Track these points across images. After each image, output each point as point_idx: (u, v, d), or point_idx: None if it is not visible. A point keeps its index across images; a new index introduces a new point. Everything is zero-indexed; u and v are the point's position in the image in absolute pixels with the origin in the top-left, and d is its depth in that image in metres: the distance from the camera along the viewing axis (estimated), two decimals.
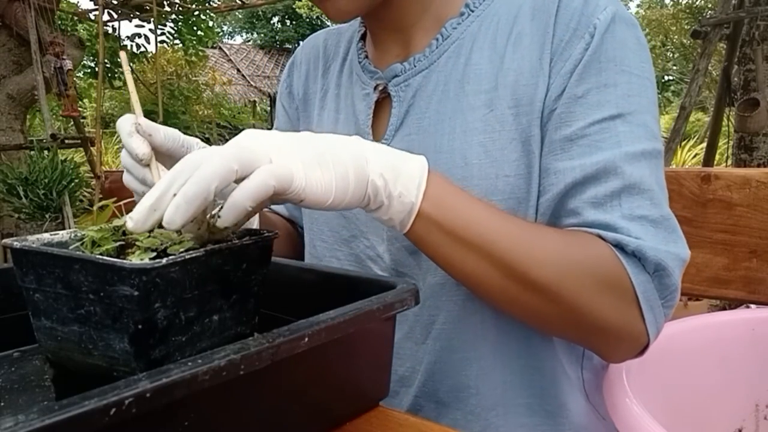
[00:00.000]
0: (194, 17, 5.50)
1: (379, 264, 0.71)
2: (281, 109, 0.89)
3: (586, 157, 0.60)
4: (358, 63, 0.77)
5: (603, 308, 0.57)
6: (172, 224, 0.41)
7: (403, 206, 0.53)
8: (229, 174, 0.43)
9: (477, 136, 0.64)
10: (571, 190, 0.60)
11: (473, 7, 0.69)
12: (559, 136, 0.61)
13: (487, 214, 0.57)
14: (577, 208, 0.60)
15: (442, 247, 0.56)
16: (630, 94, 0.61)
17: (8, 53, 3.24)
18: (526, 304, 0.58)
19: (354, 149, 0.51)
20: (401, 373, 0.70)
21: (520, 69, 0.64)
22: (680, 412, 0.77)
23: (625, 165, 0.59)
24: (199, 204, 0.41)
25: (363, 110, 0.73)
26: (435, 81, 0.68)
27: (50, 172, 2.63)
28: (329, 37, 0.85)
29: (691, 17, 10.60)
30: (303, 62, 0.86)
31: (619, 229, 0.58)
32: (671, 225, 0.60)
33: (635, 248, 0.57)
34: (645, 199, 0.59)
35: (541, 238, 0.58)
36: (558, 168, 0.61)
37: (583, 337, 0.62)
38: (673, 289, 0.59)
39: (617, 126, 0.60)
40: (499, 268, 0.56)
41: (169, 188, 0.42)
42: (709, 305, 2.37)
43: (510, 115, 0.63)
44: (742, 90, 3.04)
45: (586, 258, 0.57)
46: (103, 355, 0.43)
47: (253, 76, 15.75)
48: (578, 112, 0.61)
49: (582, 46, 0.61)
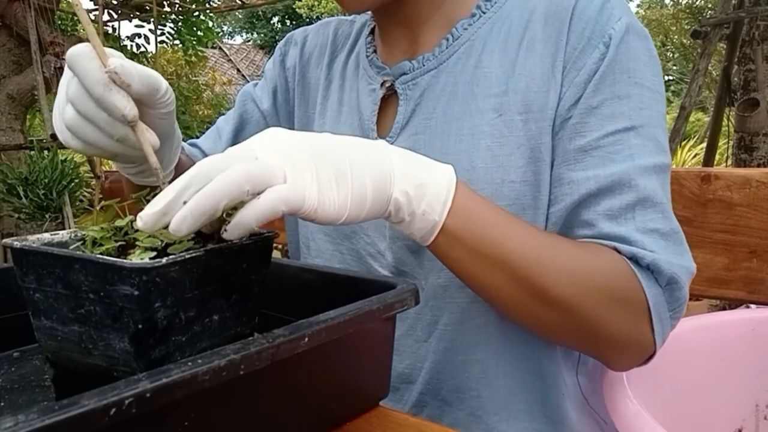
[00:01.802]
0: (194, 17, 5.50)
1: (380, 261, 0.70)
2: (270, 70, 0.88)
3: (600, 169, 0.60)
4: (365, 57, 0.76)
5: (616, 321, 0.58)
6: (177, 232, 0.41)
7: (426, 223, 0.53)
8: (239, 194, 0.43)
9: (484, 140, 0.64)
10: (585, 201, 0.60)
11: (485, 9, 0.69)
12: (574, 147, 0.61)
13: (509, 228, 0.57)
14: (592, 219, 0.60)
15: (464, 262, 0.56)
16: (642, 106, 0.61)
17: (8, 53, 3.24)
18: (542, 318, 0.58)
19: (379, 161, 0.50)
20: (400, 369, 0.70)
21: (532, 75, 0.63)
22: (680, 412, 0.77)
23: (638, 178, 0.59)
24: (206, 219, 0.42)
25: (368, 105, 0.73)
26: (444, 81, 0.68)
27: (50, 172, 2.63)
28: (341, 26, 0.84)
29: (691, 17, 10.60)
30: (309, 44, 0.85)
31: (633, 242, 0.58)
32: (680, 238, 0.61)
33: (650, 262, 0.57)
34: (657, 212, 0.59)
35: (562, 253, 0.58)
36: (572, 178, 0.61)
37: (593, 348, 0.62)
38: (683, 301, 0.60)
39: (630, 138, 0.60)
40: (519, 283, 0.56)
41: (182, 194, 0.42)
42: (709, 305, 2.37)
43: (519, 120, 0.63)
44: (742, 90, 3.04)
45: (604, 273, 0.57)
46: (103, 355, 0.43)
47: (253, 76, 15.75)
48: (592, 123, 0.61)
49: (597, 56, 0.61)
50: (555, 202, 0.62)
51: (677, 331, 0.66)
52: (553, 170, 0.63)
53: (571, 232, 0.62)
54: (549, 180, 0.63)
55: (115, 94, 0.48)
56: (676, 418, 0.75)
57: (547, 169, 0.63)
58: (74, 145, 0.52)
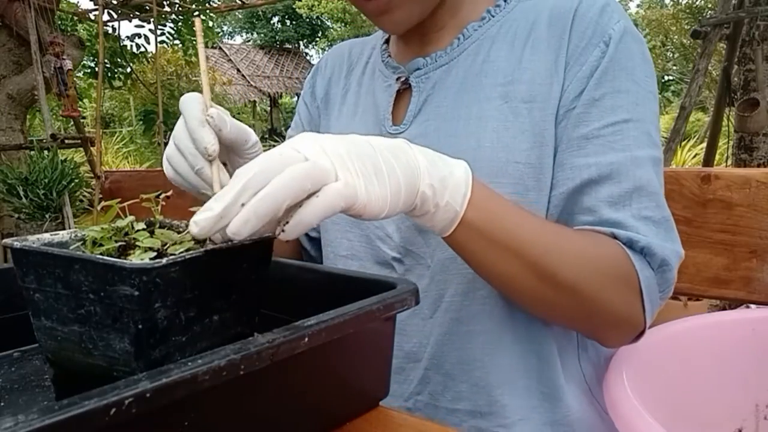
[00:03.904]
0: (194, 17, 5.50)
1: (389, 243, 0.73)
2: (303, 106, 0.94)
3: (601, 156, 0.65)
4: (381, 62, 0.82)
5: (614, 301, 0.63)
6: (237, 235, 0.42)
7: (447, 214, 0.56)
8: (302, 193, 0.44)
9: (491, 123, 0.69)
10: (586, 186, 0.65)
11: (494, 13, 0.75)
12: (577, 134, 0.66)
13: (520, 218, 0.61)
14: (594, 206, 0.65)
15: (480, 251, 0.59)
16: (638, 102, 0.66)
17: (8, 53, 3.24)
18: (547, 299, 0.63)
19: (406, 158, 0.52)
20: (407, 349, 0.72)
21: (536, 69, 0.69)
22: (680, 412, 0.77)
23: (635, 168, 0.64)
24: (268, 221, 0.42)
25: (384, 99, 0.78)
26: (454, 75, 0.73)
27: (50, 172, 2.63)
28: (354, 47, 0.91)
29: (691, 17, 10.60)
30: (328, 67, 0.92)
31: (629, 227, 0.64)
32: (670, 225, 0.66)
33: (644, 245, 0.63)
34: (651, 201, 0.65)
35: (566, 239, 0.63)
36: (574, 164, 0.66)
37: (590, 325, 0.67)
38: (671, 282, 0.66)
39: (629, 130, 0.65)
40: (531, 269, 0.60)
41: (239, 198, 0.42)
42: (709, 305, 2.37)
43: (524, 108, 0.68)
44: (742, 90, 3.04)
45: (605, 258, 0.62)
46: (103, 355, 0.43)
47: (253, 76, 15.75)
48: (594, 114, 0.66)
49: (598, 54, 0.67)
50: (557, 186, 0.67)
51: (677, 331, 0.67)
52: (556, 156, 0.67)
53: (573, 217, 0.67)
54: (552, 165, 0.67)
55: (205, 130, 0.51)
56: (676, 418, 0.75)
57: (551, 154, 0.67)
58: (167, 172, 0.56)
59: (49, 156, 2.72)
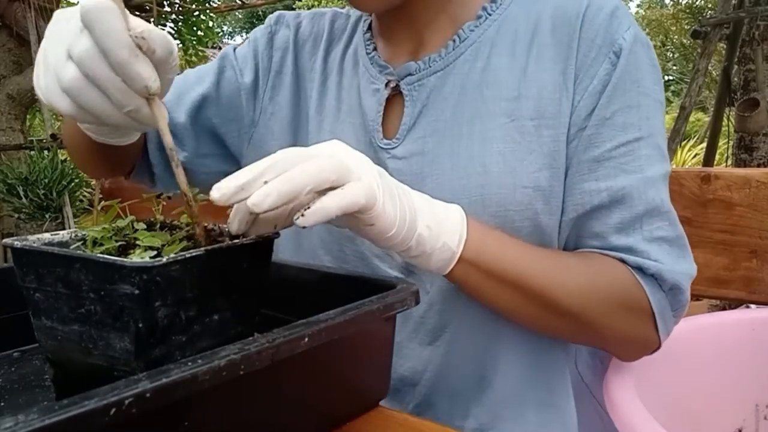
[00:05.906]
0: (194, 17, 5.49)
1: (389, 262, 0.69)
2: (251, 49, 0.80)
3: (612, 180, 0.62)
4: (366, 54, 0.74)
5: (622, 327, 0.63)
6: (256, 207, 0.42)
7: (443, 254, 0.56)
8: (325, 183, 0.45)
9: (496, 144, 0.64)
10: (596, 212, 0.63)
11: (490, 11, 0.69)
12: (587, 157, 0.63)
13: (519, 253, 0.61)
14: (602, 232, 0.63)
15: (480, 287, 0.60)
16: (648, 116, 0.64)
17: (8, 53, 3.24)
18: (554, 327, 0.64)
19: (407, 198, 0.54)
20: (401, 372, 0.69)
21: (543, 83, 0.64)
22: (680, 412, 0.77)
23: (648, 190, 0.62)
24: (289, 200, 0.43)
25: (372, 106, 0.71)
26: (452, 83, 0.67)
27: (50, 172, 2.63)
28: (337, 19, 0.81)
29: (691, 17, 10.59)
30: (303, 30, 0.81)
31: (639, 252, 0.62)
32: (684, 243, 0.65)
33: (655, 272, 0.62)
34: (664, 220, 0.63)
35: (569, 269, 0.62)
36: (584, 188, 0.63)
37: (601, 345, 0.68)
38: (684, 302, 0.65)
39: (641, 149, 0.63)
40: (532, 300, 0.61)
41: (262, 175, 0.43)
42: (709, 305, 2.37)
43: (531, 126, 0.64)
44: (742, 90, 3.04)
45: (610, 284, 0.62)
46: (103, 355, 0.43)
47: None
48: (605, 134, 0.63)
49: (608, 66, 0.63)
50: (567, 212, 0.64)
51: (677, 331, 0.67)
52: (566, 179, 0.64)
53: (581, 241, 0.66)
54: (563, 187, 0.64)
55: (141, 62, 0.42)
56: (676, 418, 0.75)
57: (562, 178, 0.64)
58: (65, 108, 0.44)
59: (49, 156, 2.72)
